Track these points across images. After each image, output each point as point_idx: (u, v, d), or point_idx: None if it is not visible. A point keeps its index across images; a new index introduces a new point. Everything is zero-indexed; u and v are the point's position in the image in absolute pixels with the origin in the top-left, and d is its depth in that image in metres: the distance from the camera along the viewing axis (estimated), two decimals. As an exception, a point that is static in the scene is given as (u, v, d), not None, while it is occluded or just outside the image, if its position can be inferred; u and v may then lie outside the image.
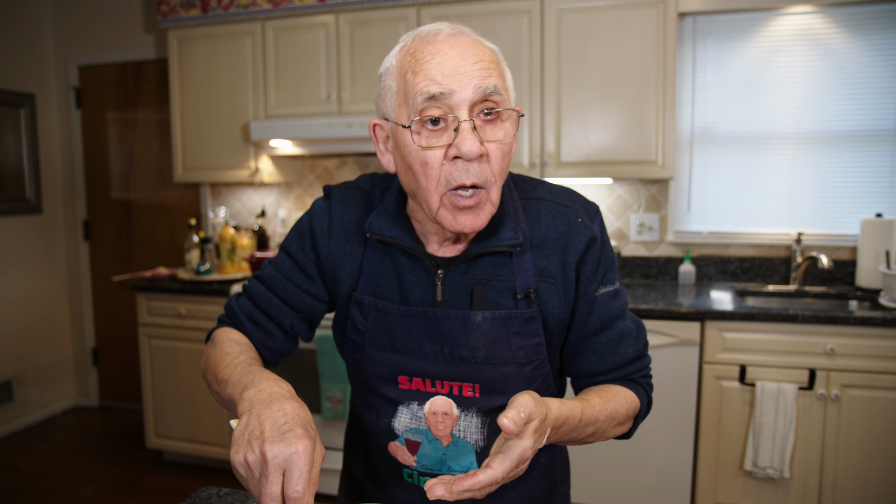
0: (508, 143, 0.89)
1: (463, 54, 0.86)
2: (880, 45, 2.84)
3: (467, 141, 0.84)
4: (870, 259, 2.76)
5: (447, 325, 0.95)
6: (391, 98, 0.90)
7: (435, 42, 0.87)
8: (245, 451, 0.72)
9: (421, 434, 0.99)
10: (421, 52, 0.87)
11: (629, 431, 1.01)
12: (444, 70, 0.85)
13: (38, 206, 4.02)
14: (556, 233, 0.98)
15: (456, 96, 0.84)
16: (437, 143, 0.86)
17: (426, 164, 0.87)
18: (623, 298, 1.02)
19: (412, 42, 0.89)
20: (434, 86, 0.84)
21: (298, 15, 3.17)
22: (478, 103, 0.85)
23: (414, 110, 0.86)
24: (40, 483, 3.20)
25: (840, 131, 2.92)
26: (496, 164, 0.88)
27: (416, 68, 0.86)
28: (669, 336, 2.52)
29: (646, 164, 2.81)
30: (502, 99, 0.87)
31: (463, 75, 0.84)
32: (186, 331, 3.19)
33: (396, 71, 0.89)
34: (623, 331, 1.01)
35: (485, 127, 0.87)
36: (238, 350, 0.96)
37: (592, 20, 2.80)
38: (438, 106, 0.85)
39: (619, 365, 1.01)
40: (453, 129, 0.85)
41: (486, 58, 0.87)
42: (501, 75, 0.89)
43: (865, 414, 2.37)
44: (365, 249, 1.02)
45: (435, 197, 0.88)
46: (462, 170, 0.86)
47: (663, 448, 2.58)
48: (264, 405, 0.77)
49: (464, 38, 0.88)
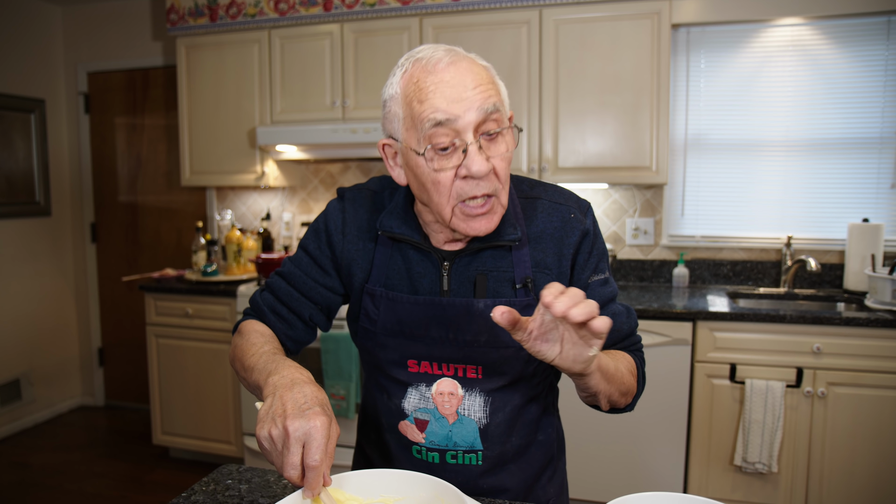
0: (511, 153, 0.99)
1: (463, 81, 0.93)
2: (866, 56, 2.94)
3: (476, 162, 0.93)
4: (857, 262, 2.86)
5: (452, 312, 1.05)
6: (398, 122, 0.98)
7: (436, 71, 0.93)
8: (269, 426, 0.82)
9: (429, 413, 1.08)
10: (424, 82, 0.94)
11: (630, 403, 1.09)
12: (447, 98, 0.92)
13: (46, 208, 4.11)
14: (552, 228, 1.08)
15: (461, 121, 0.92)
16: (448, 166, 0.95)
17: (438, 184, 0.96)
18: (613, 286, 1.12)
19: (413, 69, 0.96)
20: (440, 113, 0.92)
21: (304, 24, 3.27)
22: (481, 124, 0.94)
23: (423, 136, 0.93)
24: (49, 478, 3.28)
25: (828, 139, 3.03)
26: (502, 173, 0.98)
27: (422, 97, 0.93)
28: (663, 336, 2.61)
29: (641, 169, 2.91)
30: (501, 115, 0.96)
31: (465, 101, 0.92)
32: (193, 330, 3.28)
33: (402, 99, 0.96)
34: (615, 311, 1.10)
35: (489, 145, 0.96)
36: (263, 340, 1.06)
37: (589, 31, 2.90)
38: (446, 132, 0.93)
39: (614, 341, 1.10)
40: (462, 151, 0.94)
41: (484, 79, 0.95)
42: (498, 92, 0.97)
43: (850, 411, 2.46)
44: (376, 245, 1.11)
45: (447, 209, 0.98)
46: (473, 185, 0.95)
47: (656, 444, 2.67)
48: (286, 388, 0.87)
49: (462, 65, 0.94)
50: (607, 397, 1.00)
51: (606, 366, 0.95)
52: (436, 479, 0.86)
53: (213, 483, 1.13)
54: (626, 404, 1.08)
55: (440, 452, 1.09)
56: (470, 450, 1.08)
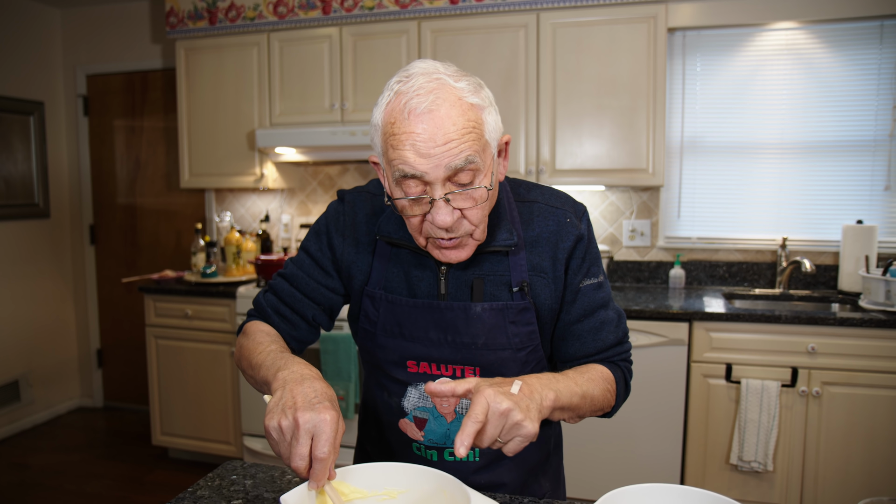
0: (485, 202, 0.98)
1: (434, 136, 0.90)
2: (860, 60, 2.98)
3: (441, 213, 0.94)
4: (851, 263, 2.89)
5: (450, 315, 1.07)
6: (379, 152, 0.99)
7: (410, 120, 0.91)
8: (279, 417, 0.84)
9: (427, 412, 1.11)
10: (399, 127, 0.92)
11: (611, 411, 1.12)
12: (417, 151, 0.91)
13: (45, 210, 4.12)
14: (548, 232, 1.09)
15: (428, 176, 0.92)
16: (417, 212, 0.97)
17: (409, 222, 0.99)
18: (606, 290, 1.14)
19: (395, 103, 0.93)
20: (408, 167, 0.92)
21: (303, 27, 3.30)
22: (453, 176, 0.93)
23: (395, 181, 0.95)
24: (49, 479, 3.29)
25: (823, 142, 3.06)
26: (475, 217, 0.97)
27: (395, 144, 0.92)
28: (659, 336, 2.64)
29: (637, 172, 2.94)
30: (476, 166, 0.93)
31: (434, 157, 0.90)
32: (193, 331, 3.29)
33: (381, 134, 0.96)
34: (605, 319, 1.12)
35: (459, 198, 0.94)
36: (269, 340, 1.08)
37: (586, 34, 2.93)
38: (416, 183, 0.93)
39: (600, 350, 1.12)
40: (429, 202, 0.95)
41: (460, 129, 0.91)
42: (478, 137, 0.93)
43: (845, 410, 2.49)
44: (375, 248, 1.13)
45: (421, 240, 1.01)
46: (440, 231, 0.97)
47: (653, 443, 2.69)
48: (296, 383, 0.89)
49: (439, 113, 0.90)
50: (578, 419, 1.04)
51: (569, 402, 0.97)
52: (439, 472, 0.88)
53: (217, 479, 1.15)
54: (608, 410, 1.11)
55: (438, 450, 1.11)
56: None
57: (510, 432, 0.85)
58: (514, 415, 0.83)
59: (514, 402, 0.85)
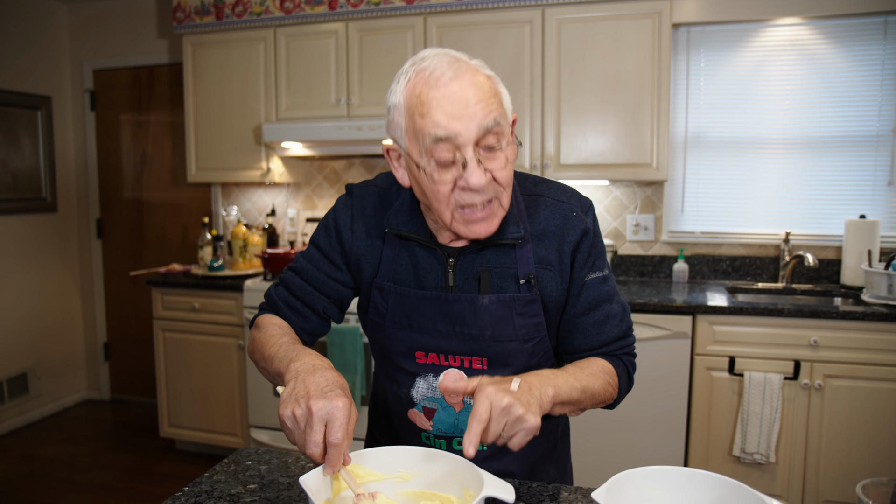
0: (511, 163, 1.01)
1: (465, 97, 0.94)
2: (864, 55, 2.99)
3: (475, 175, 0.95)
4: (854, 258, 2.91)
5: (458, 307, 1.09)
6: (401, 132, 1.00)
7: (438, 86, 0.94)
8: (293, 406, 0.86)
9: (436, 402, 1.13)
10: (426, 96, 0.95)
11: (613, 403, 1.14)
12: (449, 114, 0.93)
13: (53, 204, 4.15)
14: (554, 225, 1.11)
15: (461, 137, 0.94)
16: (448, 178, 0.97)
17: (437, 193, 0.98)
18: (611, 284, 1.16)
19: (416, 80, 0.96)
20: (441, 130, 0.93)
21: (309, 22, 3.32)
22: (481, 139, 0.96)
23: (425, 149, 0.96)
24: (58, 470, 3.33)
25: (826, 137, 3.07)
26: (503, 179, 1.00)
27: (424, 111, 0.94)
28: (663, 329, 2.66)
29: (641, 166, 2.96)
30: (502, 128, 0.97)
31: (466, 118, 0.93)
32: (200, 324, 3.32)
33: (405, 110, 0.98)
34: (609, 313, 1.14)
35: (489, 158, 0.97)
36: (280, 332, 1.11)
37: (591, 30, 2.95)
38: (447, 147, 0.94)
39: (604, 343, 1.14)
40: (461, 165, 0.96)
41: (486, 93, 0.96)
42: (500, 104, 0.98)
43: (847, 403, 2.51)
44: (384, 241, 1.15)
45: (447, 214, 1.01)
46: (471, 195, 0.98)
47: (656, 435, 2.72)
48: (309, 373, 0.91)
49: (464, 79, 0.95)
50: (579, 412, 1.07)
51: (569, 396, 1.00)
52: (451, 455, 0.90)
53: (233, 464, 1.18)
54: (610, 402, 1.13)
55: (447, 439, 1.14)
56: None
57: (513, 427, 0.87)
58: (515, 409, 0.86)
59: (515, 397, 0.87)
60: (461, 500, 0.89)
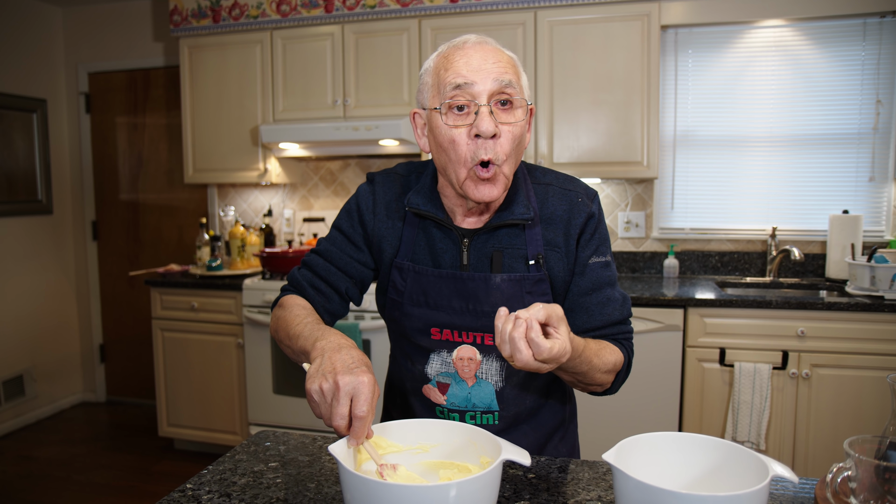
0: (519, 127, 1.10)
1: (485, 56, 1.08)
2: (845, 56, 3.09)
3: (485, 121, 1.05)
4: (838, 252, 3.00)
5: (472, 285, 1.15)
6: (428, 91, 1.13)
7: (464, 48, 1.09)
8: (320, 381, 0.91)
9: (450, 377, 1.19)
10: (452, 55, 1.09)
11: (612, 387, 1.20)
12: (469, 66, 1.07)
13: (48, 206, 4.17)
14: (561, 211, 1.19)
15: (477, 87, 1.06)
16: (462, 124, 1.08)
17: (453, 141, 1.08)
18: (612, 271, 1.23)
19: (446, 49, 1.12)
20: (460, 78, 1.06)
21: (306, 25, 3.37)
22: (495, 94, 1.07)
23: (444, 97, 1.08)
24: (56, 470, 3.34)
25: (809, 135, 3.17)
26: (506, 143, 1.09)
27: (448, 66, 1.08)
28: (655, 322, 2.74)
29: (632, 164, 3.04)
30: (515, 91, 1.09)
31: (483, 71, 1.06)
32: (199, 323, 3.36)
33: (433, 70, 1.12)
34: (610, 296, 1.21)
35: (500, 113, 1.08)
36: (305, 313, 1.16)
37: (582, 32, 3.03)
38: (463, 95, 1.06)
39: (606, 324, 1.20)
40: (474, 113, 1.07)
41: (505, 60, 1.09)
42: (517, 74, 1.11)
43: (833, 391, 2.60)
44: (404, 224, 1.22)
45: (463, 171, 1.09)
46: (481, 146, 1.07)
47: (650, 425, 2.78)
48: (335, 350, 0.96)
49: (487, 46, 1.10)
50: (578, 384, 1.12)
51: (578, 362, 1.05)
52: (469, 426, 0.96)
53: (253, 445, 1.23)
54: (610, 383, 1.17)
55: (460, 413, 1.20)
56: (487, 410, 1.19)
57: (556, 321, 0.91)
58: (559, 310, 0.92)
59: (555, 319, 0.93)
60: (479, 467, 0.94)
